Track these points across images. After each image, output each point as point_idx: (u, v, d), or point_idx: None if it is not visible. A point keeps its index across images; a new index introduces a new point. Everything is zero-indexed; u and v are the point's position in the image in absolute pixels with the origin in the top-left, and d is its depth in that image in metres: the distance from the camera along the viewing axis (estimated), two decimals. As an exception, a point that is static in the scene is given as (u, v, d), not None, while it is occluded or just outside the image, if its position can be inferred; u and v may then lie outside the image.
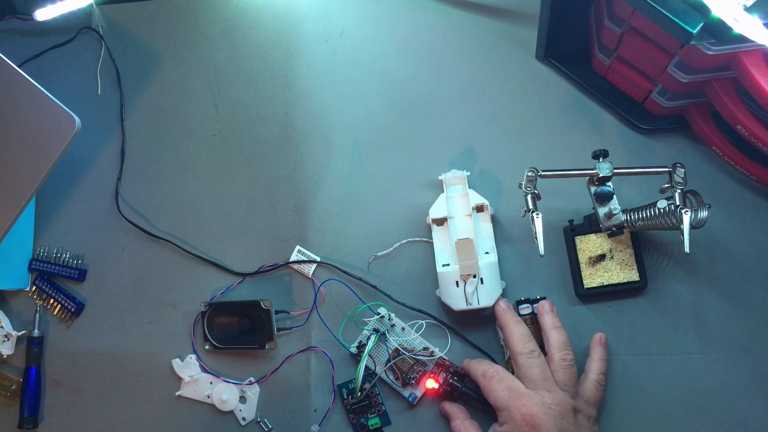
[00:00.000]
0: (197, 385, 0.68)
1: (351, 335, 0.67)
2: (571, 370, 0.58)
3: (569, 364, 0.58)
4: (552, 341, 0.59)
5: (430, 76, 0.71)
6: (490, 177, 0.68)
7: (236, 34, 0.75)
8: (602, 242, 0.64)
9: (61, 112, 0.66)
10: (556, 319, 0.61)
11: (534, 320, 0.63)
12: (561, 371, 0.58)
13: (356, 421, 0.65)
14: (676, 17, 0.50)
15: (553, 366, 0.58)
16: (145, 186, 0.73)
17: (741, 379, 0.61)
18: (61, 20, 0.75)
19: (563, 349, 0.59)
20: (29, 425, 0.68)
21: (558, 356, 0.58)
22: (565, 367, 0.58)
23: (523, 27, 0.71)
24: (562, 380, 0.57)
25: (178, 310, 0.70)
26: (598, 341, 0.62)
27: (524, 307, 0.63)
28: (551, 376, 0.57)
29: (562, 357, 0.58)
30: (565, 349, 0.59)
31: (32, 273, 0.72)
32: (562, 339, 0.59)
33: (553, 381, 0.57)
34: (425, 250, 0.67)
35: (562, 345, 0.59)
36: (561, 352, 0.59)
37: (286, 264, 0.69)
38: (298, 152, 0.71)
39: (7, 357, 0.70)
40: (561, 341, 0.59)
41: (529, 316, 0.63)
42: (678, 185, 0.57)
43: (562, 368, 0.58)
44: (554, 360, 0.58)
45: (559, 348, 0.59)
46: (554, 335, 0.60)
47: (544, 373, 0.57)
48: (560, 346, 0.59)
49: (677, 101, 0.63)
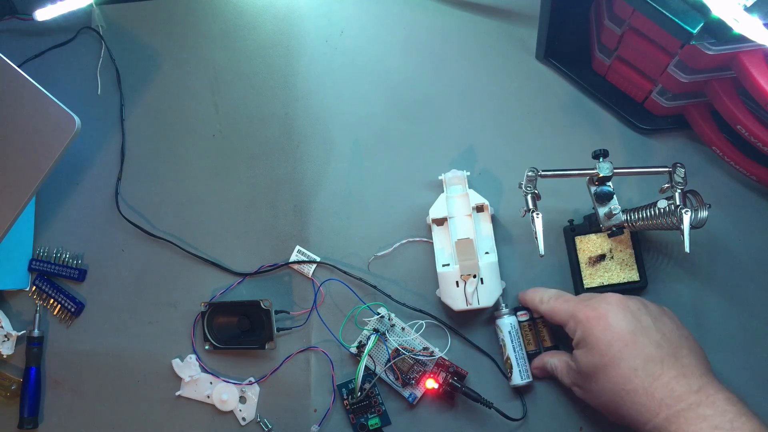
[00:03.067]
0: (197, 385, 0.68)
1: (351, 335, 0.67)
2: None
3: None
4: (557, 301, 0.59)
5: (430, 76, 0.71)
6: (490, 177, 0.68)
7: (236, 34, 0.75)
8: (602, 242, 0.64)
9: (61, 112, 0.66)
10: (537, 294, 0.61)
11: (532, 327, 0.63)
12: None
13: (356, 421, 0.65)
14: (676, 17, 0.50)
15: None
16: (145, 186, 0.73)
17: (741, 379, 0.61)
18: (61, 20, 0.75)
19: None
20: (29, 425, 0.68)
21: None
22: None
23: (523, 27, 0.71)
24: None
25: (178, 310, 0.70)
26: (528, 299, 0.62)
27: (522, 313, 0.63)
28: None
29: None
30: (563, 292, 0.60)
31: (32, 273, 0.72)
32: (555, 292, 0.60)
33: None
34: (425, 250, 0.67)
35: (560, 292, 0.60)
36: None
37: (286, 264, 0.69)
38: (298, 152, 0.71)
39: (7, 357, 0.70)
40: (557, 293, 0.60)
41: (528, 323, 0.63)
42: (678, 185, 0.57)
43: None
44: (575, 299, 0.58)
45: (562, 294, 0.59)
46: (551, 298, 0.60)
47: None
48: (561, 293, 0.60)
49: (677, 101, 0.63)
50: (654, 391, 0.49)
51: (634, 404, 0.50)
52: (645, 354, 0.51)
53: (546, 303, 0.59)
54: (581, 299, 0.56)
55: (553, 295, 0.59)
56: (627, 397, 0.51)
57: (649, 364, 0.50)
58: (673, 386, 0.49)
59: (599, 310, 0.53)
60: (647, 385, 0.50)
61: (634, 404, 0.50)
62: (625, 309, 0.53)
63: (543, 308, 0.59)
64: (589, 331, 0.53)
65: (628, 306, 0.54)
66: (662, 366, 0.50)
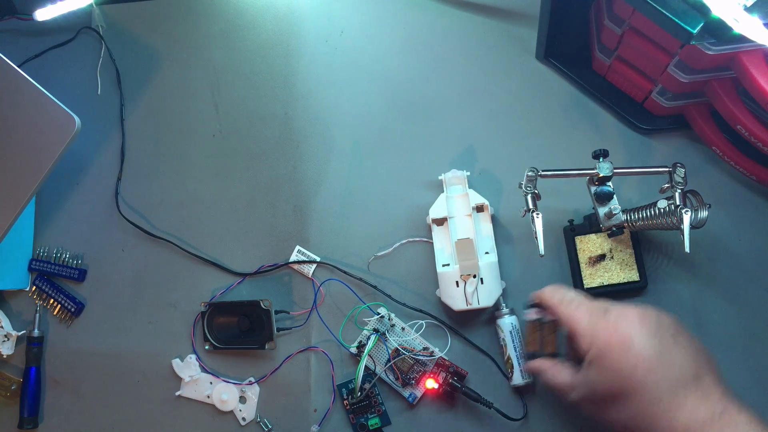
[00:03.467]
0: (197, 385, 0.68)
1: (351, 335, 0.67)
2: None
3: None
4: (576, 305, 0.55)
5: (430, 76, 0.71)
6: (490, 177, 0.68)
7: (236, 34, 0.75)
8: (602, 242, 0.64)
9: (61, 112, 0.66)
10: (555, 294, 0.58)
11: (539, 328, 0.60)
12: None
13: (356, 421, 0.65)
14: (676, 17, 0.50)
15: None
16: (145, 186, 0.73)
17: (741, 380, 0.61)
18: (61, 20, 0.75)
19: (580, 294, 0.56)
20: (29, 425, 0.68)
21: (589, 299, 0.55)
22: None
23: (523, 27, 0.71)
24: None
25: (178, 310, 0.70)
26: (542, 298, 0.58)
27: (533, 311, 0.60)
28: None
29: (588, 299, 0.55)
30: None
31: (32, 273, 0.72)
32: (571, 293, 0.57)
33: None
34: (425, 250, 0.67)
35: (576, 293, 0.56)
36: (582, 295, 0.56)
37: (286, 264, 0.69)
38: (298, 152, 0.71)
39: (7, 357, 0.70)
40: (573, 295, 0.56)
41: (536, 323, 0.60)
42: (678, 185, 0.57)
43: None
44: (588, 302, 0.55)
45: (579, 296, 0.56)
46: (572, 303, 0.55)
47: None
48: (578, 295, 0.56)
49: (677, 101, 0.63)
50: (677, 418, 0.47)
51: (656, 430, 0.48)
52: (669, 379, 0.48)
53: (567, 306, 0.55)
54: (602, 314, 0.52)
55: (574, 299, 0.55)
56: (649, 422, 0.49)
57: (673, 390, 0.48)
58: (697, 411, 0.47)
59: (621, 332, 0.50)
60: (670, 412, 0.48)
61: (655, 430, 0.48)
62: (647, 329, 0.50)
63: (561, 310, 0.55)
64: (609, 353, 0.50)
65: (650, 324, 0.51)
66: (686, 390, 0.48)
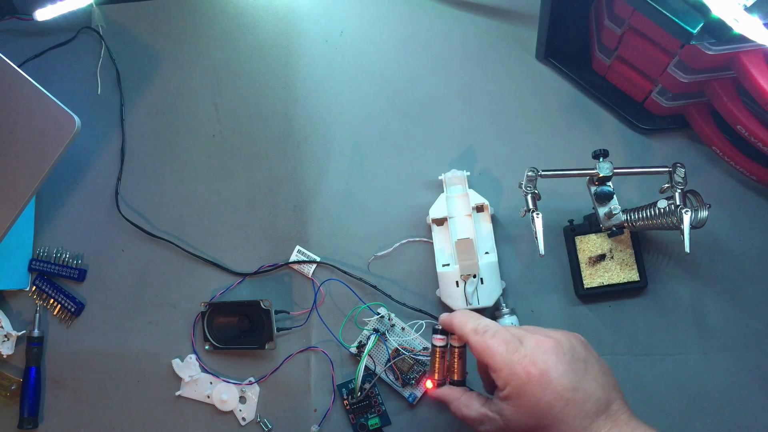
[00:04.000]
0: (197, 385, 0.68)
1: (351, 335, 0.67)
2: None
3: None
4: (481, 333, 0.52)
5: (430, 76, 0.71)
6: (490, 177, 0.68)
7: (236, 34, 0.75)
8: (602, 242, 0.64)
9: (61, 112, 0.66)
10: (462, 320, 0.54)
11: (444, 354, 0.57)
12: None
13: (356, 421, 0.65)
14: (676, 17, 0.50)
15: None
16: (145, 186, 0.73)
17: (741, 379, 0.61)
18: (61, 20, 0.75)
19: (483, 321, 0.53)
20: (29, 425, 0.68)
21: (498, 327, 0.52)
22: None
23: (523, 27, 0.71)
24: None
25: (178, 310, 0.70)
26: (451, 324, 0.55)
27: (439, 337, 0.56)
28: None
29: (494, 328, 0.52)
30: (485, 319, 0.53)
31: (32, 273, 0.72)
32: (475, 317, 0.53)
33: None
34: (425, 250, 0.67)
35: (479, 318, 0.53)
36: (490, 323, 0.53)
37: (286, 264, 0.69)
38: (298, 152, 0.71)
39: (7, 357, 0.70)
40: (478, 319, 0.53)
41: (440, 349, 0.56)
42: (678, 185, 0.57)
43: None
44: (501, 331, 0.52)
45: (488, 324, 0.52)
46: (486, 332, 0.52)
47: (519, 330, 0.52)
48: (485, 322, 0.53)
49: (677, 101, 0.63)
50: None
51: None
52: (585, 412, 0.48)
53: (480, 335, 0.51)
54: (518, 344, 0.50)
55: (489, 327, 0.52)
56: None
57: (588, 422, 0.48)
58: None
59: (539, 365, 0.48)
60: None
61: None
62: (563, 359, 0.49)
63: (474, 339, 0.51)
64: (528, 389, 0.48)
65: (565, 355, 0.49)
66: (598, 421, 0.48)
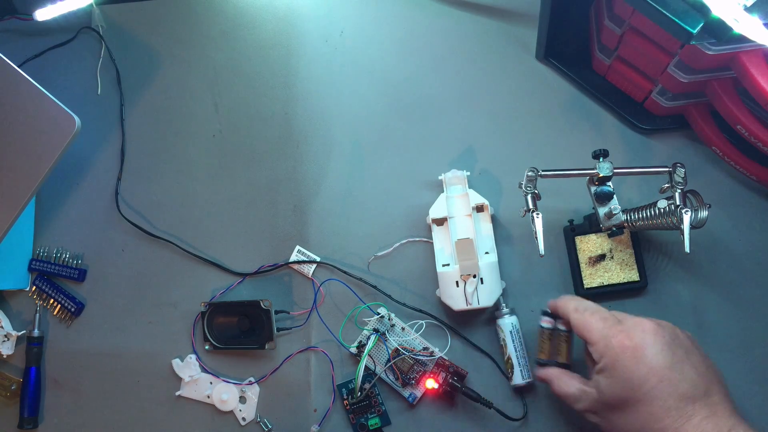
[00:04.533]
0: (197, 385, 0.68)
1: (351, 335, 0.67)
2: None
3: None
4: (590, 315, 0.54)
5: (430, 76, 0.71)
6: (490, 177, 0.68)
7: (236, 34, 0.75)
8: (602, 242, 0.64)
9: (61, 112, 0.66)
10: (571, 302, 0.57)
11: (552, 337, 0.60)
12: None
13: (356, 421, 0.65)
14: (676, 17, 0.50)
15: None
16: (145, 186, 0.73)
17: (741, 379, 0.61)
18: (61, 20, 0.75)
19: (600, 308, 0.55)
20: (29, 425, 0.68)
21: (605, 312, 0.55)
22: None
23: (523, 27, 0.71)
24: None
25: (178, 310, 0.70)
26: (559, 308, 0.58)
27: (546, 320, 0.60)
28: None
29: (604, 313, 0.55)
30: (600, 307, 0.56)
31: (32, 273, 0.72)
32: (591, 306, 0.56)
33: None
34: (425, 250, 0.67)
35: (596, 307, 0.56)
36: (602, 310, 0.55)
37: (286, 264, 0.69)
38: (298, 152, 0.71)
39: (7, 357, 0.70)
40: (594, 308, 0.55)
41: (549, 331, 0.60)
42: (678, 185, 0.57)
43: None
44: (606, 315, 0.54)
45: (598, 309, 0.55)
46: (587, 310, 0.55)
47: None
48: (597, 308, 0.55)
49: (677, 101, 0.63)
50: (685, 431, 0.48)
51: None
52: (680, 392, 0.49)
53: (580, 313, 0.55)
54: (616, 322, 0.52)
55: (590, 307, 0.55)
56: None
57: (683, 404, 0.48)
58: (704, 427, 0.47)
59: (634, 340, 0.50)
60: (678, 426, 0.48)
61: None
62: (661, 340, 0.50)
63: (575, 317, 0.55)
64: (622, 361, 0.50)
65: (664, 336, 0.51)
66: (694, 405, 0.48)
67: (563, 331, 0.59)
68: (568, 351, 0.59)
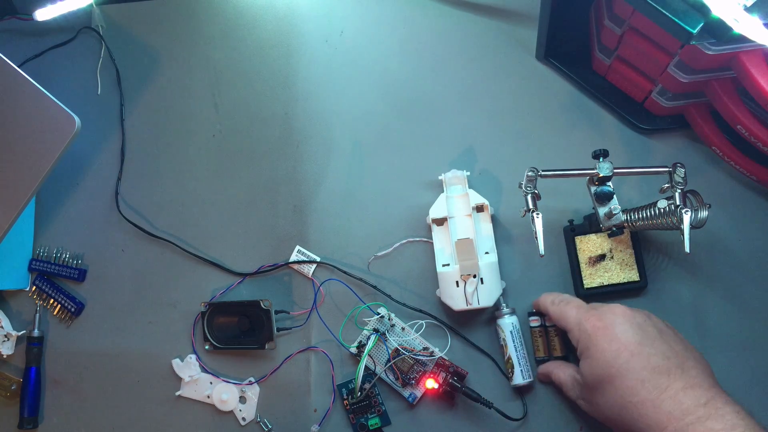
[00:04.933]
0: (197, 385, 0.68)
1: (351, 335, 0.67)
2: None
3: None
4: (568, 306, 0.58)
5: (430, 76, 0.71)
6: (490, 177, 0.68)
7: (236, 34, 0.75)
8: (602, 242, 0.64)
9: (61, 112, 0.66)
10: (551, 297, 0.61)
11: (543, 333, 0.63)
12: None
13: (356, 421, 0.65)
14: (676, 17, 0.50)
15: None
16: (145, 186, 0.73)
17: (741, 379, 0.61)
18: (61, 20, 0.75)
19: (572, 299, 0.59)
20: (29, 425, 0.68)
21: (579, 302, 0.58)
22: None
23: (523, 27, 0.71)
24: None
25: (178, 310, 0.70)
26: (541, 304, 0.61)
27: (533, 319, 0.63)
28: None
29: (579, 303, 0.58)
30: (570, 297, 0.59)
31: (32, 273, 0.72)
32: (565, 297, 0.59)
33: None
34: (425, 250, 0.67)
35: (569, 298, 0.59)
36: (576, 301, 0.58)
37: (286, 264, 0.69)
38: (298, 152, 0.71)
39: (7, 357, 0.70)
40: (568, 299, 0.59)
41: (538, 329, 0.63)
42: (678, 185, 0.57)
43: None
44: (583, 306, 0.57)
45: (573, 301, 0.58)
46: (561, 302, 0.59)
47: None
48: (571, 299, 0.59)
49: (677, 101, 0.63)
50: (661, 404, 0.48)
51: (641, 417, 0.49)
52: (652, 365, 0.50)
53: (556, 305, 0.58)
54: (590, 308, 0.56)
55: (564, 298, 0.59)
56: (634, 409, 0.49)
57: (657, 376, 0.49)
58: (681, 398, 0.48)
59: (605, 320, 0.53)
60: (654, 398, 0.49)
61: (641, 417, 0.49)
62: (631, 320, 0.52)
63: (552, 309, 0.59)
64: (595, 341, 0.52)
65: (634, 317, 0.53)
66: (669, 377, 0.49)
67: (551, 326, 0.63)
68: (561, 343, 0.62)
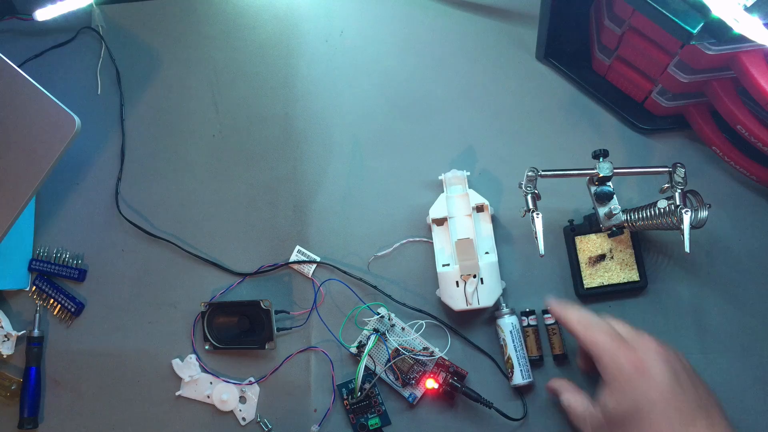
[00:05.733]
0: (197, 385, 0.68)
1: (351, 335, 0.67)
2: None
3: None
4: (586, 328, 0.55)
5: (430, 76, 0.71)
6: (490, 177, 0.68)
7: (236, 34, 0.75)
8: (602, 242, 0.64)
9: (61, 112, 0.66)
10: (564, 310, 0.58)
11: (536, 331, 0.63)
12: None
13: (356, 421, 0.65)
14: (676, 17, 0.50)
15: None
16: (145, 186, 0.73)
17: (741, 380, 0.61)
18: (61, 20, 0.75)
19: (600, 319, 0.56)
20: (29, 425, 0.68)
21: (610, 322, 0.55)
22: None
23: (523, 27, 0.71)
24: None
25: (178, 310, 0.70)
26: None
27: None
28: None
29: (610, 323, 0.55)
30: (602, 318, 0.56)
31: (32, 273, 0.72)
32: (587, 316, 0.56)
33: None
34: (425, 250, 0.67)
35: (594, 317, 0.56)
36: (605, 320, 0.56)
37: (286, 264, 0.69)
38: (298, 152, 0.71)
39: (7, 357, 0.70)
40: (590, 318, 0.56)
41: (533, 328, 0.63)
42: (678, 185, 0.57)
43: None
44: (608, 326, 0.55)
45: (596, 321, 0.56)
46: (594, 326, 0.55)
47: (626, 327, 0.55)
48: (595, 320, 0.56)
49: (677, 101, 0.63)
50: None
51: None
52: (682, 408, 0.49)
53: (588, 330, 0.55)
54: (621, 337, 0.53)
55: (596, 324, 0.55)
56: None
57: (685, 418, 0.49)
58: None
59: (639, 356, 0.51)
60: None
61: None
62: (665, 358, 0.51)
63: (583, 334, 0.55)
64: (628, 375, 0.51)
65: (668, 356, 0.52)
66: (695, 420, 0.49)
67: (551, 324, 0.63)
68: (560, 342, 0.63)
